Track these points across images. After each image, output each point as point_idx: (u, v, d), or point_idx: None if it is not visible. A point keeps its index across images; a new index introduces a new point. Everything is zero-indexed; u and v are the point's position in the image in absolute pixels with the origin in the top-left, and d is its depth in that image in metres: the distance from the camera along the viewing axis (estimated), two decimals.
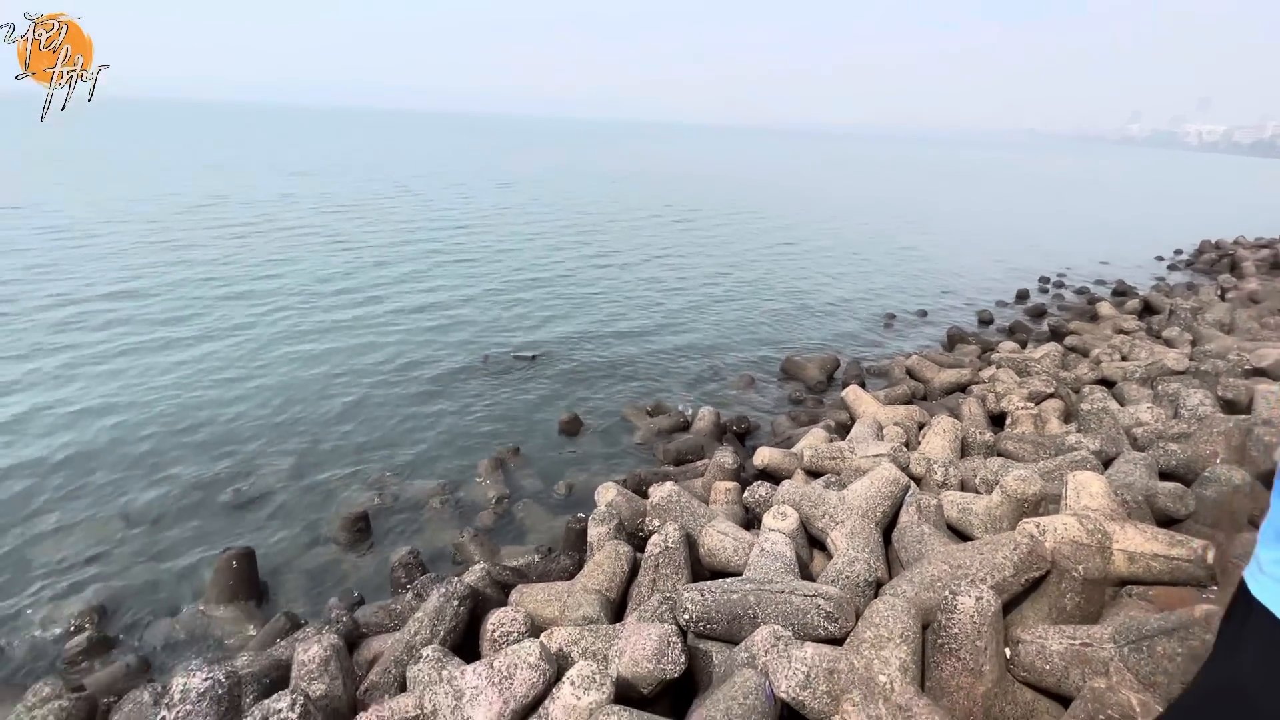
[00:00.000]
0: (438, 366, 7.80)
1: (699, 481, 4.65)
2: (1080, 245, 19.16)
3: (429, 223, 17.23)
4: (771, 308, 11.18)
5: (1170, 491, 3.22)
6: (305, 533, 4.66)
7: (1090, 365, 6.82)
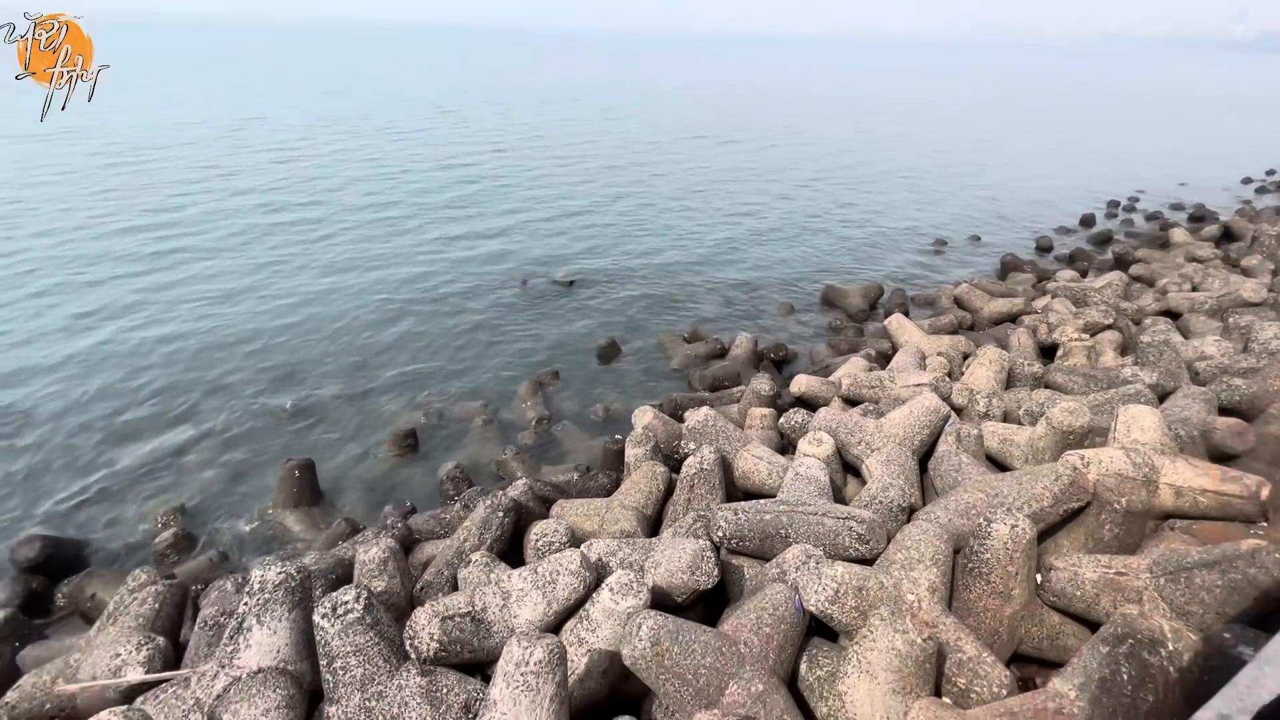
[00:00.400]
0: (479, 292, 7.90)
1: (735, 407, 4.69)
2: (1158, 166, 17.62)
3: (468, 147, 16.93)
4: (816, 233, 10.80)
5: (1228, 427, 3.10)
6: (359, 447, 4.95)
7: (1156, 296, 6.44)
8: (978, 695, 1.93)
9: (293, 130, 17.97)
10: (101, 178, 12.01)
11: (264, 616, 2.11)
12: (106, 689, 2.28)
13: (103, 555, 3.88)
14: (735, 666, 1.94)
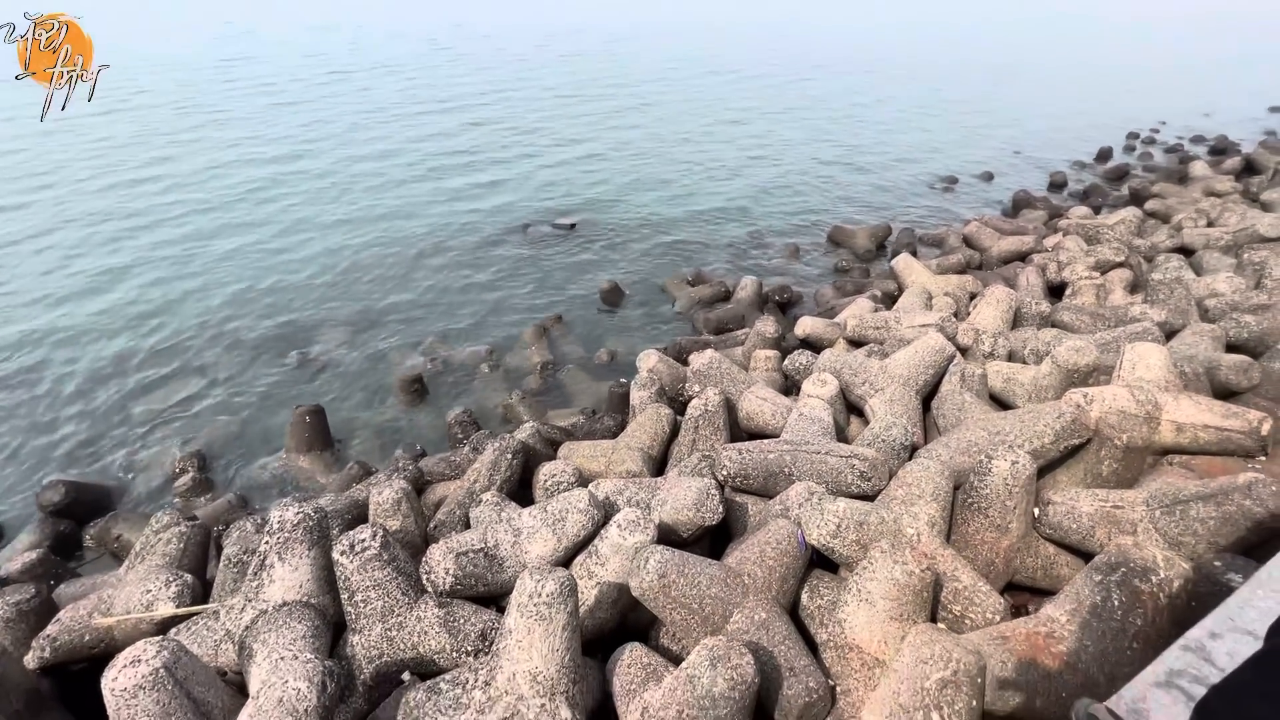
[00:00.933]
0: (479, 237, 7.79)
1: (739, 350, 4.70)
2: (1181, 95, 16.87)
3: (465, 87, 16.31)
4: (823, 171, 10.52)
5: (1234, 364, 3.09)
6: (367, 393, 5.01)
7: (1170, 232, 6.30)
8: (972, 621, 2.01)
9: (284, 71, 17.30)
10: (92, 126, 11.68)
11: (285, 554, 2.19)
12: (141, 621, 2.39)
13: (126, 499, 4.01)
14: (739, 596, 2.01)
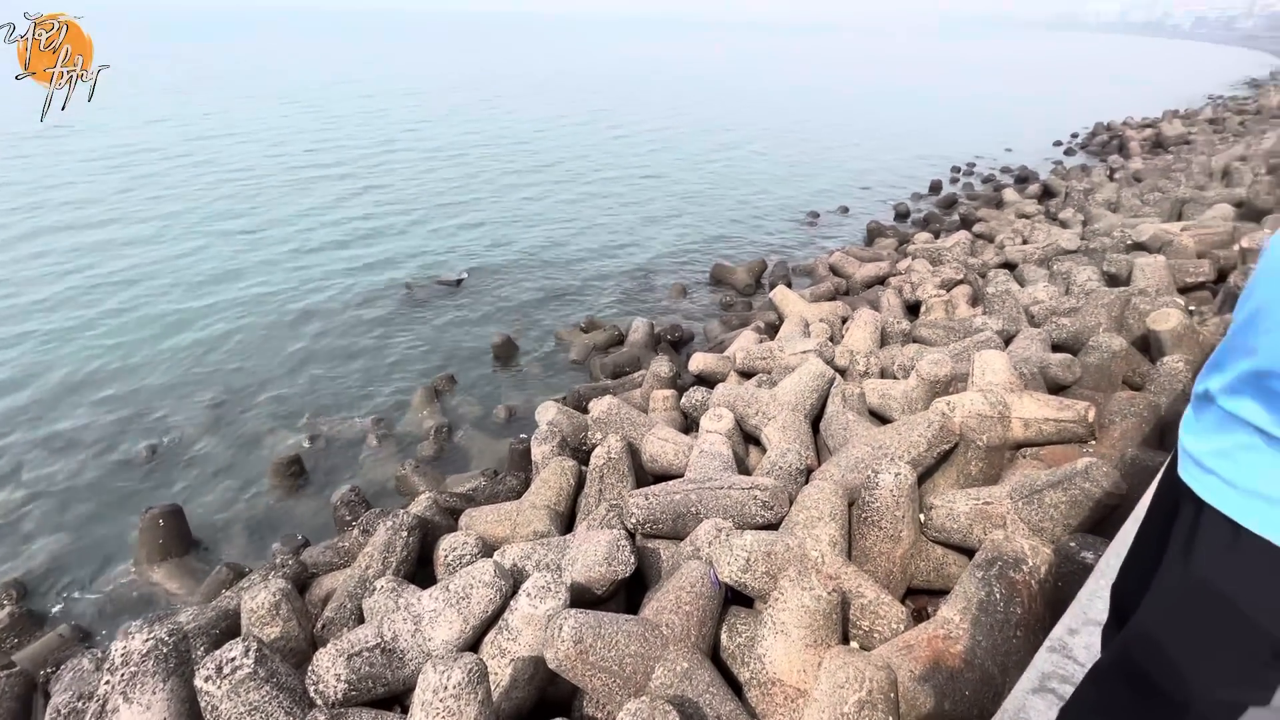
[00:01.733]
0: (359, 300, 7.39)
1: (638, 392, 4.74)
2: (987, 133, 19.77)
3: (334, 145, 15.66)
4: (700, 216, 11.10)
5: (1060, 361, 3.55)
6: (236, 483, 4.49)
7: (995, 250, 7.23)
8: (880, 634, 2.10)
9: (133, 131, 15.74)
10: None
11: (132, 692, 1.86)
12: None
13: None
14: (659, 649, 1.97)
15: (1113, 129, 18.65)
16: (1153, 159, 13.36)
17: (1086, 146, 17.71)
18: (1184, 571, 0.93)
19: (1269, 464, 0.85)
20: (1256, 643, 0.85)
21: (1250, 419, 0.87)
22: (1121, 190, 9.55)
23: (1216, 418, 0.92)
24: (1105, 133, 18.53)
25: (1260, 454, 0.86)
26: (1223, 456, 0.90)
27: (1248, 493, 0.86)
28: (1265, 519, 0.84)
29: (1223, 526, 0.88)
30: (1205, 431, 0.94)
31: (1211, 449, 0.92)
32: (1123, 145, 15.72)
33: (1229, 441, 0.90)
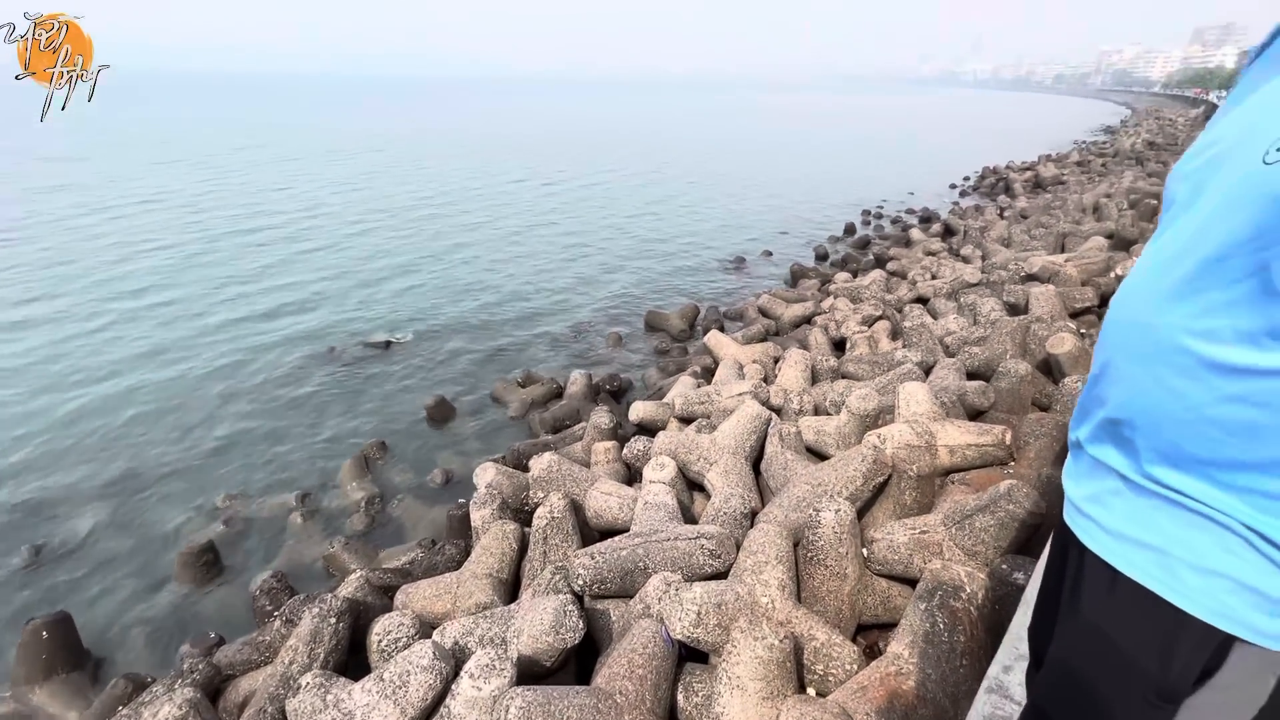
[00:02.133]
0: (278, 370, 7.00)
1: (579, 446, 4.67)
2: (891, 178, 21.42)
3: (251, 206, 15.10)
4: (630, 263, 11.32)
5: (975, 388, 3.77)
6: (138, 581, 4.05)
7: (908, 286, 7.72)
8: (834, 677, 2.08)
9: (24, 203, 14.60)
10: None
11: None
12: None
13: None
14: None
15: (998, 172, 20.59)
16: (1034, 198, 14.82)
17: (978, 188, 19.43)
18: (1074, 617, 0.96)
19: (1133, 508, 0.88)
20: (1143, 684, 0.87)
21: (1113, 465, 0.91)
22: (1011, 227, 10.50)
23: (1087, 464, 0.96)
24: (992, 175, 20.43)
25: (1125, 499, 0.89)
26: (1095, 502, 0.93)
27: (1118, 536, 0.89)
28: (1133, 562, 0.87)
29: (1102, 571, 0.90)
30: (1080, 477, 0.98)
31: (1086, 494, 0.95)
32: (1008, 186, 17.35)
33: (1099, 487, 0.93)
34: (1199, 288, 0.77)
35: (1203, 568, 0.81)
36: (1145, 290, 0.85)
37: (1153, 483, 0.86)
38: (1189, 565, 0.82)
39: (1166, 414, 0.82)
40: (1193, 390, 0.79)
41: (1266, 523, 0.77)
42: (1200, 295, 0.77)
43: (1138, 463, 0.87)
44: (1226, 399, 0.76)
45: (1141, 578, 0.86)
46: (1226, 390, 0.76)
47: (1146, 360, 0.83)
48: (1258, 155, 0.72)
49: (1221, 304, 0.75)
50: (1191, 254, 0.78)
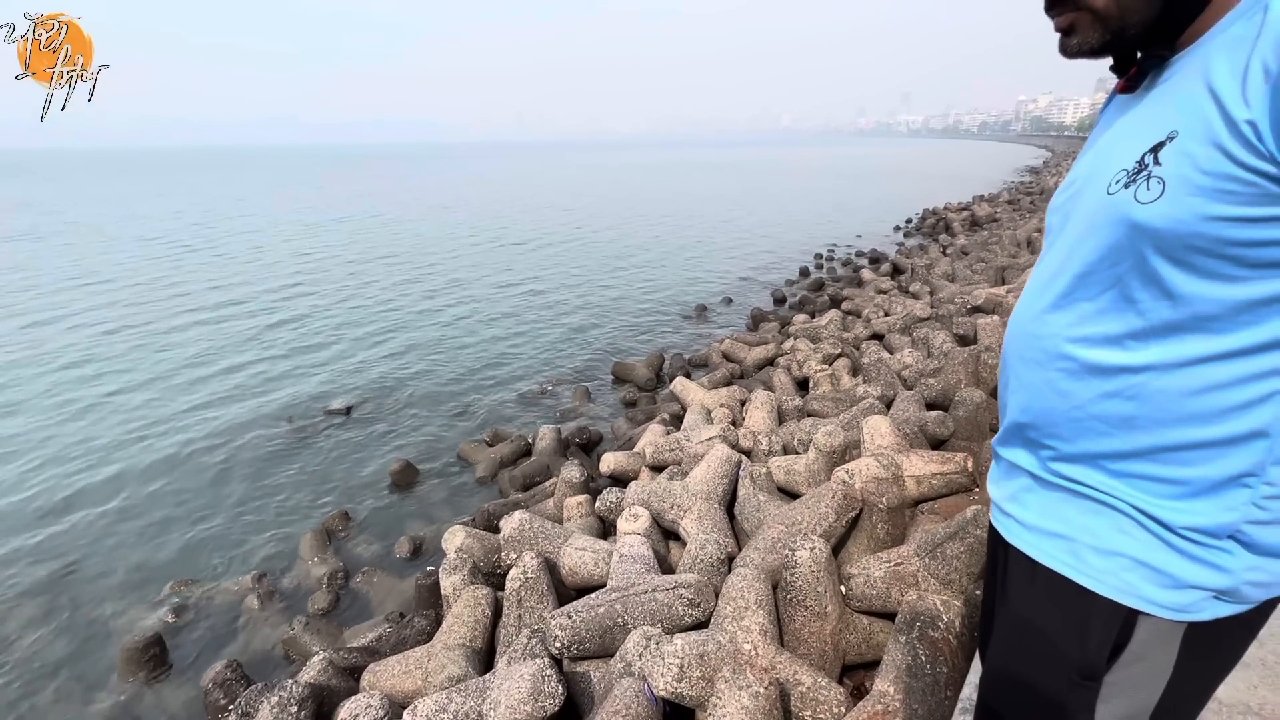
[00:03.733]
0: (231, 444, 6.73)
1: (550, 502, 4.58)
2: (840, 223, 22.43)
3: (202, 276, 14.79)
4: (592, 319, 11.43)
5: (935, 418, 3.88)
6: (76, 685, 3.72)
7: (864, 324, 7.99)
8: None
9: None
10: None
11: None
12: None
13: None
14: None
15: (937, 213, 21.79)
16: (973, 235, 15.68)
17: (920, 229, 20.46)
18: (1004, 612, 1.04)
19: (1043, 502, 0.96)
20: (1066, 665, 0.94)
21: (1023, 465, 1.00)
22: (954, 263, 11.04)
23: (1004, 468, 1.06)
24: (932, 216, 21.59)
25: (1036, 494, 0.98)
26: (1013, 500, 1.01)
27: (1033, 529, 0.97)
28: (1047, 551, 0.94)
29: (1023, 563, 0.98)
30: (999, 480, 1.07)
31: (1005, 495, 1.04)
32: (948, 226, 18.34)
33: (1015, 486, 1.02)
34: (1072, 301, 0.87)
35: (1104, 549, 0.89)
36: (1031, 306, 0.96)
37: (1057, 477, 0.94)
38: (1092, 548, 0.90)
39: (1060, 414, 0.91)
40: (1078, 390, 0.88)
41: (1151, 503, 0.85)
42: (1074, 307, 0.87)
43: (1042, 460, 0.96)
44: (1105, 396, 0.85)
45: (1054, 564, 0.93)
46: (1104, 388, 0.85)
47: (1038, 366, 0.93)
48: (1104, 187, 0.82)
49: (1091, 314, 0.85)
50: (1064, 273, 0.89)
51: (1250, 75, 0.67)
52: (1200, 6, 0.77)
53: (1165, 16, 0.78)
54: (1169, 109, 0.78)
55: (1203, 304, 0.75)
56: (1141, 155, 0.78)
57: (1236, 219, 0.70)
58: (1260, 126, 0.66)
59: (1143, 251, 0.77)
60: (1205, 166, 0.71)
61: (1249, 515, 0.81)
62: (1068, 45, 0.85)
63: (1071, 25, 0.83)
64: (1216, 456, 0.80)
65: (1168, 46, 0.81)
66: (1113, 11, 0.79)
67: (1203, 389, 0.79)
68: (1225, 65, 0.71)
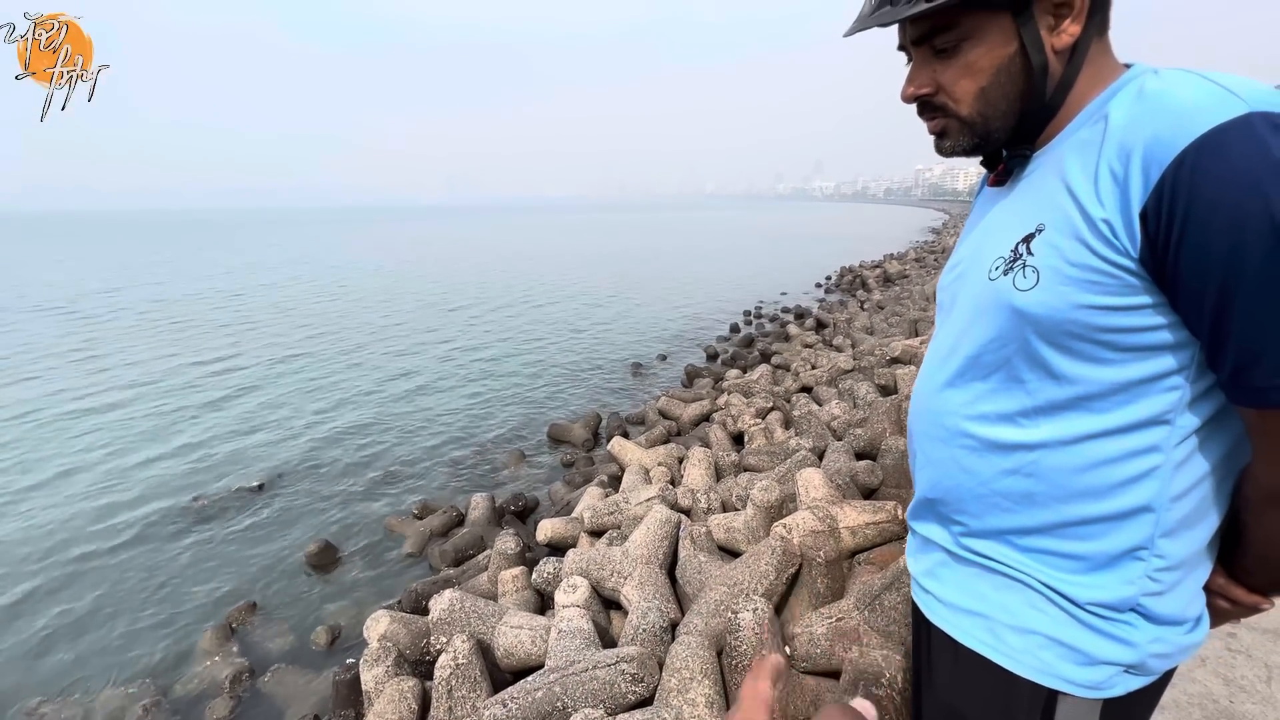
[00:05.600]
0: (123, 532, 6.04)
1: (484, 577, 4.34)
2: (765, 281, 23.51)
3: (110, 348, 13.59)
4: (526, 379, 11.27)
5: (864, 468, 4.00)
6: None
7: (793, 377, 8.26)
8: None
9: None
10: None
11: None
12: None
13: None
14: None
15: (853, 270, 23.26)
16: (886, 290, 16.79)
17: (839, 285, 21.72)
18: (930, 693, 1.02)
19: (959, 578, 0.96)
20: None
21: (937, 540, 0.99)
22: (872, 317, 11.73)
23: (919, 541, 1.05)
24: (849, 274, 23.01)
25: (952, 569, 0.97)
26: (930, 576, 1.01)
27: (952, 607, 0.96)
28: (966, 630, 0.93)
29: (946, 643, 0.96)
30: (915, 554, 1.07)
31: (922, 570, 1.03)
32: (864, 283, 19.57)
33: (931, 561, 1.01)
34: (967, 380, 0.90)
35: (1019, 627, 0.88)
36: (931, 382, 0.98)
37: (969, 552, 0.94)
38: (1009, 627, 0.89)
39: (966, 490, 0.92)
40: (980, 467, 0.89)
41: (1058, 578, 0.86)
42: (969, 386, 0.90)
43: (955, 536, 0.96)
44: (1005, 473, 0.87)
45: (974, 644, 0.92)
46: (1003, 465, 0.87)
47: (942, 443, 0.95)
48: (985, 272, 0.87)
49: (985, 392, 0.88)
50: (957, 353, 0.92)
51: (1100, 177, 0.74)
52: (1051, 113, 0.85)
53: (1024, 121, 0.87)
54: (1035, 203, 0.84)
55: (1084, 384, 0.79)
56: (1015, 245, 0.83)
57: (1104, 307, 0.75)
58: (1115, 225, 0.73)
59: (1026, 335, 0.81)
60: (1071, 259, 0.76)
61: (1145, 588, 0.83)
62: (942, 146, 0.92)
63: (943, 130, 0.90)
64: (1110, 531, 0.82)
65: (1029, 145, 0.89)
66: (977, 119, 0.87)
67: (1090, 465, 0.81)
68: (1078, 166, 0.78)
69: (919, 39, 0.86)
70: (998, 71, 0.82)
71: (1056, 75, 0.82)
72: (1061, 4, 0.79)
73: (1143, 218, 0.70)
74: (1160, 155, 0.68)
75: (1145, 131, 0.70)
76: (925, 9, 0.80)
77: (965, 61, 0.83)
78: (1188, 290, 0.70)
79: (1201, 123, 0.65)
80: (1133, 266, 0.73)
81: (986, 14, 0.80)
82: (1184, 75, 0.72)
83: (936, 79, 0.86)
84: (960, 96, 0.85)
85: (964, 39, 0.82)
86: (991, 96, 0.84)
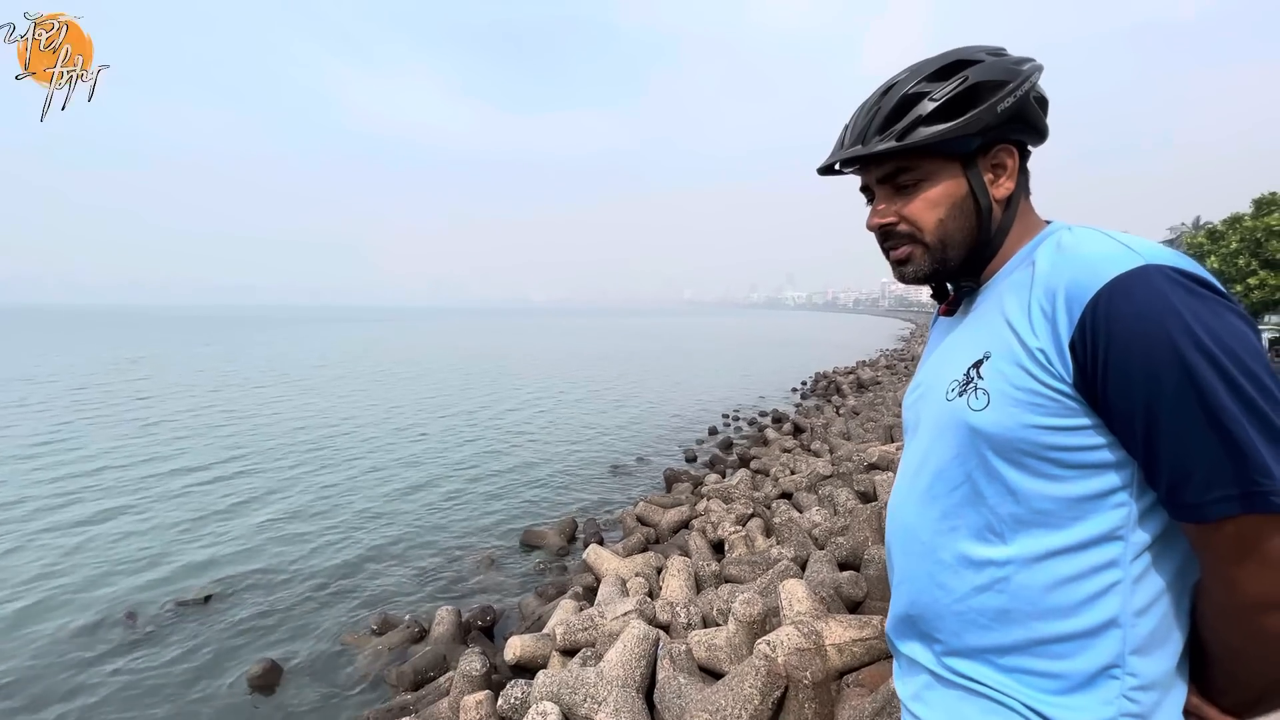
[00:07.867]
0: (47, 650, 5.48)
1: (445, 703, 3.97)
2: (742, 385, 23.92)
3: (34, 449, 12.98)
4: (501, 481, 10.99)
5: (848, 579, 3.89)
6: None
7: (772, 482, 8.19)
8: None
9: None
10: None
11: None
12: None
13: None
14: None
15: (828, 376, 23.83)
16: (860, 395, 17.13)
17: (814, 390, 22.14)
18: None
19: (945, 701, 0.92)
20: None
21: (921, 660, 0.97)
22: (848, 422, 11.88)
23: (904, 663, 1.02)
24: (824, 380, 23.54)
25: (937, 692, 0.94)
26: (917, 699, 0.97)
27: None
28: None
29: None
30: (901, 676, 1.03)
31: (910, 693, 0.99)
32: (838, 388, 19.99)
33: (916, 683, 0.98)
34: (935, 495, 0.93)
35: None
36: (904, 498, 1.01)
37: (952, 673, 0.91)
38: None
39: (944, 608, 0.91)
40: (955, 583, 0.90)
41: (1039, 699, 0.84)
42: (938, 502, 0.93)
43: (937, 656, 0.94)
44: (978, 589, 0.87)
45: None
46: (976, 581, 0.87)
47: (918, 559, 0.96)
48: (943, 394, 0.94)
49: (953, 508, 0.91)
50: (925, 470, 0.96)
51: (1033, 313, 0.85)
52: (993, 253, 0.99)
53: (972, 255, 0.99)
54: (982, 332, 0.94)
55: (1039, 500, 0.83)
56: (967, 369, 0.92)
57: (1049, 427, 0.82)
58: (1049, 353, 0.82)
59: (983, 452, 0.86)
60: (1016, 383, 0.85)
61: (1123, 708, 0.82)
62: (904, 273, 1.03)
63: (908, 256, 1.01)
64: (1083, 649, 0.83)
65: (974, 279, 1.02)
66: (938, 245, 0.98)
67: (1057, 582, 0.83)
68: (1015, 302, 0.89)
69: (884, 178, 0.99)
70: (953, 206, 0.96)
71: (998, 219, 0.97)
72: (998, 165, 0.95)
73: (1072, 347, 0.79)
74: (1079, 295, 0.78)
75: (1065, 277, 0.81)
76: (895, 146, 0.93)
77: (925, 197, 0.96)
78: (1118, 413, 0.77)
79: (1107, 271, 0.77)
80: (1069, 391, 0.80)
81: (943, 160, 0.95)
82: (1091, 232, 0.85)
83: (899, 211, 0.99)
84: (924, 225, 0.97)
85: (923, 179, 0.96)
86: (949, 228, 0.97)
